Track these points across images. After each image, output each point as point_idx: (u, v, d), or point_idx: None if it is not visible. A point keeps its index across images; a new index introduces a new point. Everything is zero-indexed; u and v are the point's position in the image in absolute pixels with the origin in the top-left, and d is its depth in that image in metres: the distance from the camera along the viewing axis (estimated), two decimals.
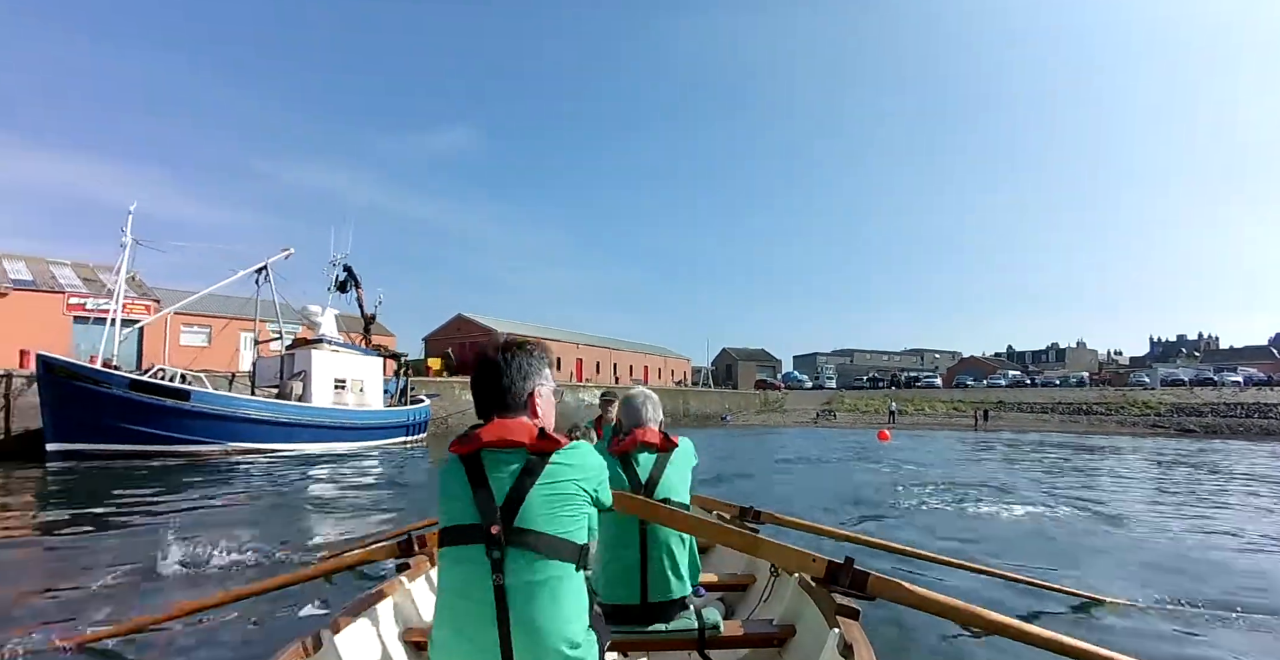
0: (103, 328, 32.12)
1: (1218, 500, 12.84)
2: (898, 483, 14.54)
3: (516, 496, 1.83)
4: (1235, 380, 60.48)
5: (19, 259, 34.48)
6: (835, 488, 14.14)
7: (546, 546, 1.81)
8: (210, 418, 20.54)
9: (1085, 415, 52.77)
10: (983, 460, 21.75)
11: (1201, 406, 51.27)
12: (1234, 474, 17.97)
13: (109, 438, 19.14)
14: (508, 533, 1.80)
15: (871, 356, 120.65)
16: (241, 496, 12.85)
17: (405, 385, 29.52)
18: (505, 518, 1.81)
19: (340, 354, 25.83)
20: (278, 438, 21.91)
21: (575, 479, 1.90)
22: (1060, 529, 9.39)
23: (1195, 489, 14.50)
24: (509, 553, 1.79)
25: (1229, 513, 11.37)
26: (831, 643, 2.57)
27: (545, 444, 1.89)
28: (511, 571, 1.79)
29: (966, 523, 9.88)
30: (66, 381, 18.91)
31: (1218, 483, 15.82)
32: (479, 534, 1.81)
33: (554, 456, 1.88)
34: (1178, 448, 29.27)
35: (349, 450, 23.12)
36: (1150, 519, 10.41)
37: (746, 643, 3.14)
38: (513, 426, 1.91)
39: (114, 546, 7.93)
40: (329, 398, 24.54)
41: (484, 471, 1.87)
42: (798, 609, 3.20)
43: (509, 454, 1.88)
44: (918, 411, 56.82)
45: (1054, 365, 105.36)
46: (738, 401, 63.42)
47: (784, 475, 17.72)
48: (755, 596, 3.96)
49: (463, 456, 1.91)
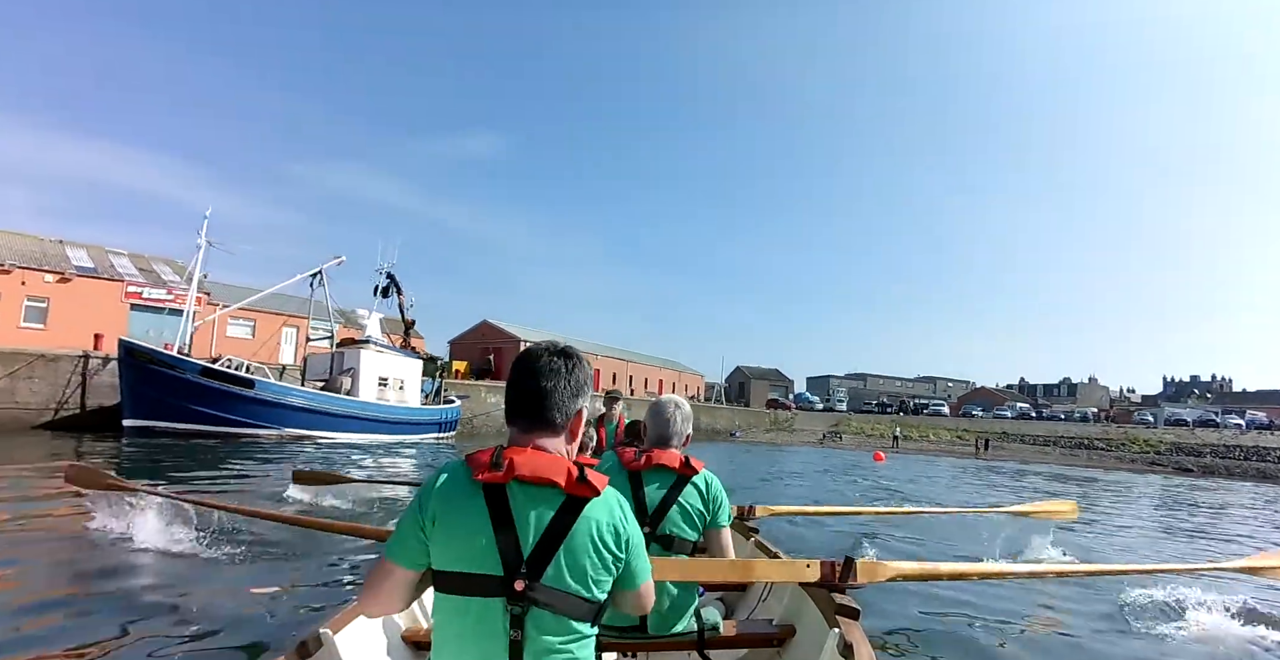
0: (157, 316, 35.30)
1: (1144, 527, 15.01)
2: (865, 492, 16.96)
3: (546, 548, 1.63)
4: (1237, 423, 62.68)
5: (81, 247, 37.07)
6: (808, 492, 16.57)
7: (570, 607, 1.65)
8: (269, 405, 23.00)
9: (1086, 450, 54.18)
10: (957, 481, 23.92)
11: (1201, 447, 52.76)
12: (1199, 505, 20.09)
13: (179, 417, 21.55)
14: (531, 588, 1.61)
15: (884, 381, 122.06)
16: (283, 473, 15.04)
17: (440, 386, 32.00)
18: (531, 570, 1.62)
19: (384, 354, 28.35)
20: (327, 426, 24.34)
21: (609, 537, 1.69)
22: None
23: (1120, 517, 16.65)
24: (530, 611, 1.61)
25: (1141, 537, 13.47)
26: (831, 643, 2.62)
27: (583, 489, 1.68)
28: (531, 631, 1.62)
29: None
30: (145, 365, 21.35)
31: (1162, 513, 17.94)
32: (499, 587, 1.61)
33: (589, 508, 1.68)
34: (1162, 483, 31.24)
35: (388, 441, 25.50)
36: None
37: (746, 643, 3.15)
38: (548, 461, 1.69)
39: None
40: (373, 393, 27.01)
41: (510, 510, 1.65)
42: (797, 609, 3.27)
43: (542, 492, 1.67)
44: (921, 437, 58.76)
45: (1065, 399, 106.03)
46: (748, 419, 65.36)
47: (774, 480, 20.12)
48: (755, 596, 4.03)
49: (486, 486, 1.66)
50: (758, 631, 3.19)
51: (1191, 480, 36.05)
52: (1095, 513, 15.18)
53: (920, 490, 19.56)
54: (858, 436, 58.80)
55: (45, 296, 32.80)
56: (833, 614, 2.78)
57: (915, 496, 17.09)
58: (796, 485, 18.96)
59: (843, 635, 2.57)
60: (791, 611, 3.33)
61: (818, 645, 2.81)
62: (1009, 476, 28.84)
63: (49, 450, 16.87)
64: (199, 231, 24.86)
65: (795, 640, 3.13)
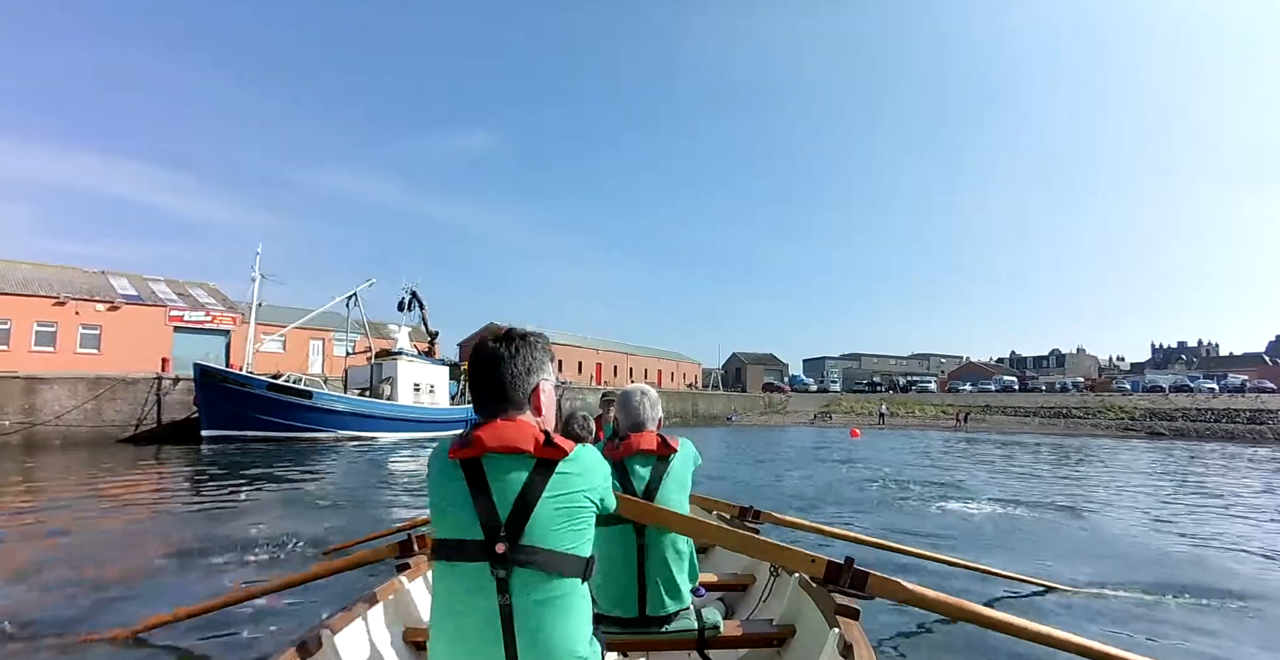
0: (199, 336, 39.32)
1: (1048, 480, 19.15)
2: (828, 463, 21.29)
3: (522, 510, 1.74)
4: (1210, 387, 66.29)
5: (122, 276, 41.00)
6: (783, 467, 20.66)
7: (554, 564, 1.75)
8: (326, 412, 27.23)
9: (1064, 419, 57.44)
10: (919, 451, 28.02)
11: (1174, 411, 55.81)
12: (1114, 466, 24.27)
13: (250, 426, 25.69)
14: (513, 550, 1.72)
15: (878, 361, 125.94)
16: (352, 468, 18.68)
17: (464, 388, 36.06)
18: (511, 534, 1.73)
19: (416, 363, 32.73)
20: (374, 428, 28.58)
21: (583, 489, 1.81)
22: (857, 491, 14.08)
23: (1054, 474, 20.82)
24: (515, 572, 1.72)
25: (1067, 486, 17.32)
26: (831, 643, 2.64)
27: (551, 451, 1.78)
28: (518, 591, 1.72)
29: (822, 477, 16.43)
30: (218, 383, 25.45)
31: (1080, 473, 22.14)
32: (482, 551, 1.73)
33: (560, 465, 1.79)
34: (1108, 444, 35.42)
35: (424, 438, 29.50)
36: (975, 487, 16.22)
37: (746, 643, 3.21)
38: (516, 430, 1.80)
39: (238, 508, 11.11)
40: (410, 398, 31.45)
41: (486, 480, 1.77)
42: (797, 609, 3.29)
43: (513, 461, 1.77)
44: (908, 413, 62.88)
45: (1054, 370, 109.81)
46: (744, 403, 69.33)
47: (760, 458, 24.18)
48: (755, 596, 4.05)
49: (462, 462, 1.79)
50: (758, 631, 3.23)
51: (1168, 444, 38.67)
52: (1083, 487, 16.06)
53: (876, 456, 23.89)
54: (848, 416, 62.47)
55: (98, 324, 36.72)
56: (833, 614, 2.79)
57: (868, 462, 21.46)
58: (775, 460, 23.23)
59: (843, 635, 2.59)
60: (791, 611, 3.34)
61: (818, 645, 2.83)
62: (974, 444, 33.11)
63: (135, 458, 20.57)
64: (253, 266, 28.98)
65: (795, 640, 3.17)
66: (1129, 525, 10.54)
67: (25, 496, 12.97)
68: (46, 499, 12.51)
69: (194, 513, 10.74)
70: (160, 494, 13.56)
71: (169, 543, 7.97)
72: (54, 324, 35.17)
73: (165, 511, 11.13)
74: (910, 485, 15.03)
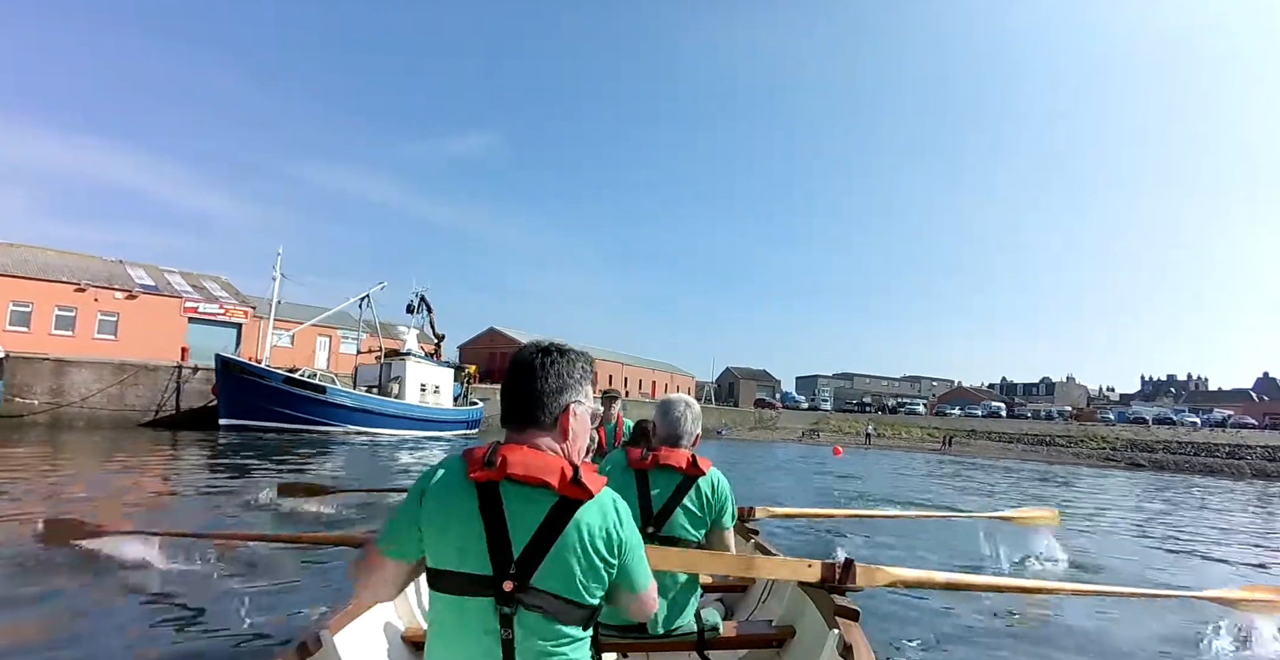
0: (212, 328, 40.93)
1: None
2: (807, 476, 23.00)
3: (537, 549, 1.64)
4: (1192, 421, 68.27)
5: (139, 266, 42.57)
6: (767, 476, 22.41)
7: (562, 613, 1.66)
8: (338, 407, 28.91)
9: (1046, 446, 58.72)
10: (898, 471, 29.66)
11: (1155, 443, 57.35)
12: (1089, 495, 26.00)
13: (266, 417, 27.28)
14: (521, 590, 1.63)
15: (870, 381, 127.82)
16: (358, 460, 20.09)
17: (466, 390, 38.01)
18: (520, 572, 1.63)
19: (423, 364, 34.51)
20: (381, 424, 30.24)
21: (603, 540, 1.69)
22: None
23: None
24: (520, 613, 1.63)
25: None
26: (831, 643, 2.69)
27: (576, 491, 1.67)
28: (522, 633, 1.64)
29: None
30: (238, 375, 27.08)
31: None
32: (489, 586, 1.63)
33: (581, 512, 1.67)
34: (1084, 472, 37.15)
35: (427, 436, 31.26)
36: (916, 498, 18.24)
37: (746, 644, 3.23)
38: (542, 460, 1.69)
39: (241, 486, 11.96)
40: (416, 397, 33.15)
41: (502, 509, 1.65)
42: (797, 610, 3.34)
43: (534, 493, 1.66)
44: (894, 435, 64.34)
45: (1044, 398, 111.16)
46: (735, 418, 70.95)
47: (749, 468, 25.87)
48: (754, 597, 4.14)
49: (479, 485, 1.66)
50: (757, 632, 3.26)
51: (1150, 476, 40.73)
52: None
53: (852, 471, 25.59)
54: (835, 434, 63.74)
55: (116, 311, 38.29)
56: (832, 615, 2.81)
57: (840, 475, 23.13)
58: (759, 469, 24.98)
59: (842, 636, 2.61)
60: (791, 612, 3.37)
61: (817, 646, 2.85)
62: (955, 467, 34.84)
63: (153, 442, 21.95)
64: (273, 266, 30.68)
65: (795, 641, 3.19)
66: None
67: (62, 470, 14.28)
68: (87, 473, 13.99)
69: (210, 491, 11.78)
70: (179, 472, 14.96)
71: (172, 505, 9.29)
72: (74, 309, 36.73)
73: (184, 486, 12.52)
74: (870, 495, 16.82)
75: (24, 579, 5.68)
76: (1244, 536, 14.34)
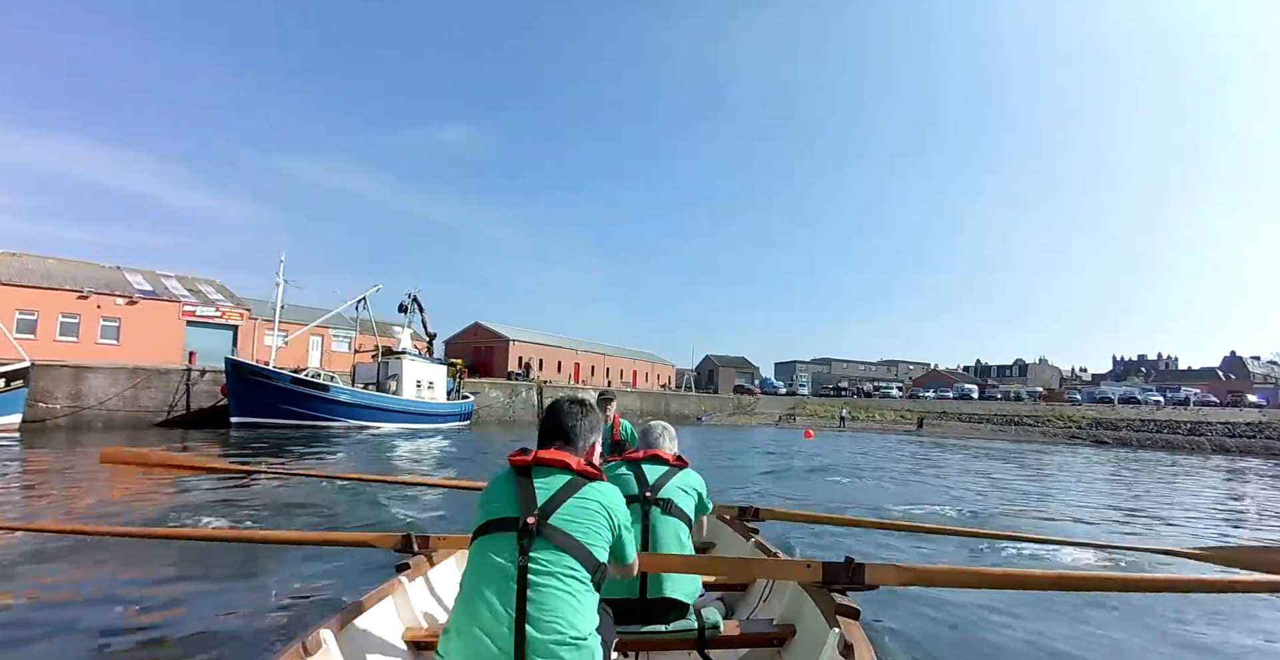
0: (209, 330, 43.03)
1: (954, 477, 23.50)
2: (774, 458, 25.63)
3: (556, 501, 2.26)
4: (1156, 399, 70.96)
5: (137, 272, 44.55)
6: (739, 449, 24.98)
7: (570, 546, 2.19)
8: (341, 404, 31.32)
9: (1014, 426, 60.94)
10: (862, 450, 32.29)
11: (1119, 421, 59.38)
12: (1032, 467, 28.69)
13: (274, 414, 29.57)
14: (539, 525, 2.19)
15: (848, 366, 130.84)
16: (355, 453, 21.76)
17: (459, 385, 40.37)
18: (541, 514, 2.22)
19: (418, 362, 37.07)
20: (380, 419, 32.70)
21: (607, 506, 2.34)
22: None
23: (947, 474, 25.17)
24: (537, 541, 2.17)
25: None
26: (831, 642, 2.74)
27: (589, 471, 2.39)
28: (536, 558, 2.14)
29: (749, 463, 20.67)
30: (247, 376, 29.35)
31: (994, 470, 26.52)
32: (514, 524, 2.20)
33: (593, 483, 2.36)
34: (1045, 449, 39.95)
35: (425, 429, 33.65)
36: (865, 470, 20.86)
37: (746, 642, 3.32)
38: (566, 454, 2.40)
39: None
40: (413, 393, 35.72)
41: (532, 480, 2.33)
42: (797, 609, 3.40)
43: (557, 471, 2.35)
44: (868, 417, 67.02)
45: (1017, 380, 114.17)
46: (714, 404, 73.63)
47: (718, 449, 28.45)
48: (755, 596, 4.18)
49: (516, 467, 2.38)
50: (758, 631, 3.35)
51: (1108, 451, 43.75)
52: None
53: (817, 452, 28.22)
54: (811, 418, 65.94)
55: (117, 317, 40.34)
56: (833, 614, 2.86)
57: (805, 454, 25.91)
58: (733, 452, 27.54)
59: (843, 635, 2.67)
60: (792, 611, 3.42)
61: (818, 645, 2.89)
62: (912, 445, 37.53)
63: (170, 440, 23.65)
64: (277, 272, 32.96)
65: (795, 640, 3.25)
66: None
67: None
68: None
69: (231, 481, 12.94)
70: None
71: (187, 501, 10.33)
72: (77, 316, 38.71)
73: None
74: (827, 469, 19.48)
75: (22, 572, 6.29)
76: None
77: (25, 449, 19.77)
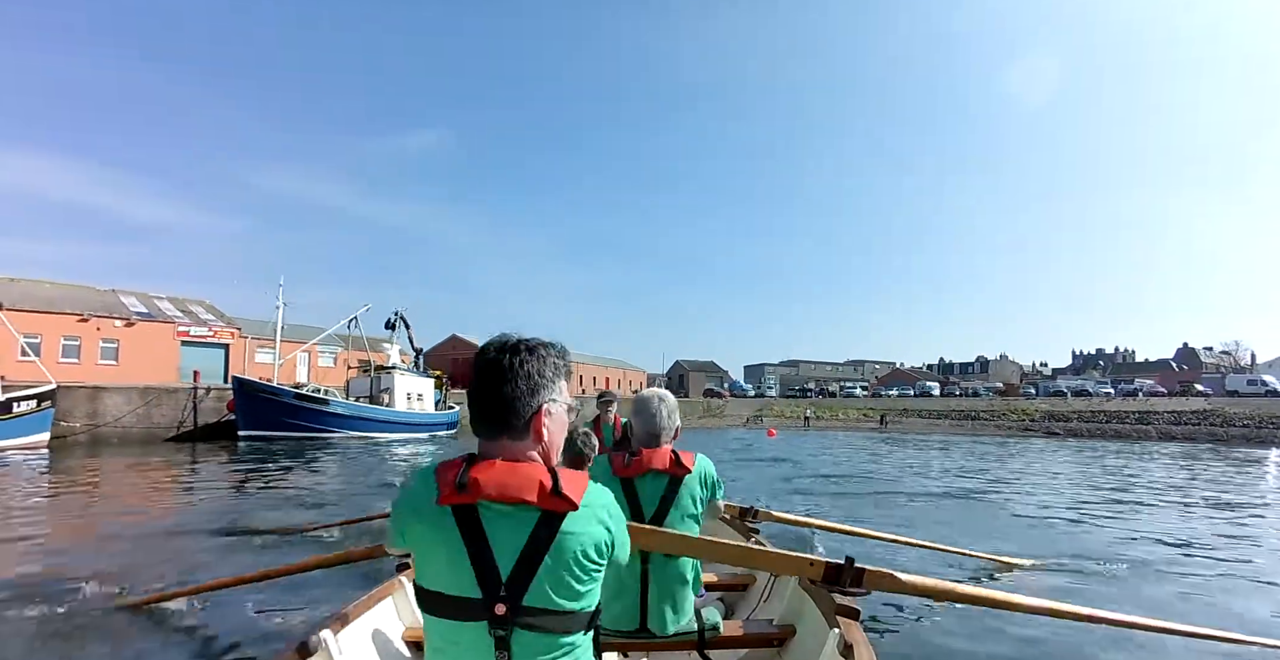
0: (201, 349, 45.81)
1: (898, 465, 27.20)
2: (735, 449, 29.57)
3: (526, 568, 1.60)
4: (1106, 392, 75.04)
5: (131, 294, 47.31)
6: (705, 449, 28.50)
7: (560, 624, 1.63)
8: (339, 416, 34.57)
9: (971, 421, 63.46)
10: (822, 448, 35.89)
11: (1070, 414, 62.63)
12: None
13: (279, 427, 32.67)
14: (514, 611, 1.59)
15: (815, 367, 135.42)
16: (359, 460, 24.79)
17: (444, 396, 43.83)
18: (511, 592, 1.59)
19: (408, 376, 40.41)
20: (375, 429, 35.96)
21: (592, 546, 1.65)
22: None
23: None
24: (515, 633, 1.60)
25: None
26: (831, 643, 2.74)
27: (559, 503, 1.61)
28: (519, 650, 1.61)
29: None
30: (253, 393, 32.41)
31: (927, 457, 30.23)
32: (480, 610, 1.59)
33: (568, 521, 1.62)
34: (993, 440, 43.69)
35: (415, 437, 37.07)
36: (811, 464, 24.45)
37: (746, 643, 3.34)
38: (517, 475, 1.62)
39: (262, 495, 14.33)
40: (404, 405, 39.08)
41: (483, 532, 1.60)
42: (798, 609, 3.41)
43: (515, 512, 1.61)
44: (832, 416, 70.33)
45: (979, 376, 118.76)
46: (684, 408, 68.41)
47: (691, 449, 31.86)
48: (755, 596, 4.23)
49: (455, 509, 1.60)
50: (758, 631, 3.35)
51: (1059, 442, 47.17)
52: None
53: (776, 449, 31.81)
54: (778, 419, 68.61)
55: (116, 338, 43.26)
56: (833, 614, 2.85)
57: (763, 450, 29.66)
58: (704, 452, 31.00)
59: (843, 635, 2.65)
60: (792, 611, 3.43)
61: (818, 645, 2.90)
62: (869, 442, 41.15)
63: (185, 454, 26.63)
64: (276, 296, 36.22)
65: (795, 640, 3.27)
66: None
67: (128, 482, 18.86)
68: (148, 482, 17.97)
69: (257, 486, 15.37)
70: (232, 474, 20.11)
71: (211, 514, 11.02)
72: (78, 338, 41.62)
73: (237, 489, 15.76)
74: (786, 460, 23.05)
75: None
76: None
77: (55, 462, 22.43)
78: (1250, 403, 59.77)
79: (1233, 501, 15.28)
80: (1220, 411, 56.26)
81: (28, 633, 5.22)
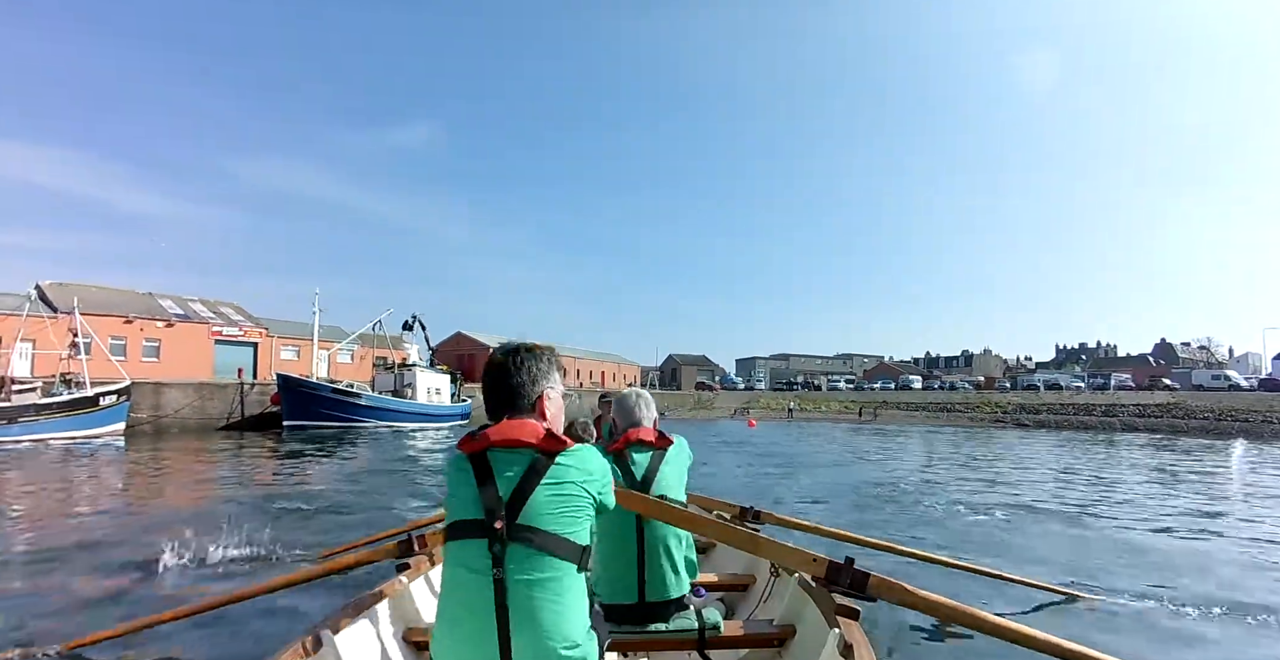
0: (232, 348, 51.04)
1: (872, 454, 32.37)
2: (715, 437, 34.85)
3: (521, 494, 1.96)
4: (1078, 385, 79.97)
5: (167, 297, 52.34)
6: (690, 438, 33.73)
7: (548, 544, 1.93)
8: (371, 408, 40.18)
9: (947, 413, 67.57)
10: (799, 438, 41.08)
11: (1040, 406, 66.25)
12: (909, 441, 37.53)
13: (318, 418, 37.97)
14: (510, 528, 1.92)
15: (805, 360, 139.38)
16: (387, 444, 30.26)
17: (458, 390, 49.64)
18: (509, 514, 1.93)
19: (428, 372, 46.18)
20: (401, 419, 41.52)
21: (579, 481, 2.02)
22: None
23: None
24: (510, 548, 1.91)
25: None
26: (831, 643, 2.74)
27: (552, 444, 2.03)
28: (512, 567, 1.91)
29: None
30: (297, 388, 37.71)
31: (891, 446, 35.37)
32: (482, 528, 1.94)
33: (559, 457, 2.01)
34: (964, 431, 48.86)
35: (434, 427, 42.55)
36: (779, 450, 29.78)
37: (746, 643, 3.39)
38: (520, 427, 2.05)
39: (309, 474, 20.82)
40: (425, 398, 44.77)
41: (490, 469, 2.00)
42: (798, 609, 3.43)
43: (516, 453, 2.02)
44: (815, 409, 74.87)
45: (963, 370, 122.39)
46: (675, 400, 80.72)
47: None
48: (755, 596, 4.27)
49: (470, 455, 2.04)
50: (758, 631, 3.38)
51: (1024, 433, 51.95)
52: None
53: (750, 438, 37.22)
54: (763, 411, 73.04)
55: (158, 338, 48.28)
56: (833, 614, 2.86)
57: (735, 436, 34.98)
58: (691, 440, 36.22)
59: (843, 636, 2.66)
60: (792, 612, 3.46)
61: (818, 645, 2.91)
62: (854, 433, 46.29)
63: (231, 440, 31.59)
64: (313, 302, 41.67)
65: (795, 640, 3.30)
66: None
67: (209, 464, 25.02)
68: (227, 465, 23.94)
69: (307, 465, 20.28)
70: (282, 458, 25.40)
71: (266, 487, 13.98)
72: (124, 338, 46.42)
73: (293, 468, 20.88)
74: (747, 443, 28.29)
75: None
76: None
77: (129, 447, 26.82)
78: (1212, 396, 63.30)
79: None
80: (1182, 404, 59.70)
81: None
